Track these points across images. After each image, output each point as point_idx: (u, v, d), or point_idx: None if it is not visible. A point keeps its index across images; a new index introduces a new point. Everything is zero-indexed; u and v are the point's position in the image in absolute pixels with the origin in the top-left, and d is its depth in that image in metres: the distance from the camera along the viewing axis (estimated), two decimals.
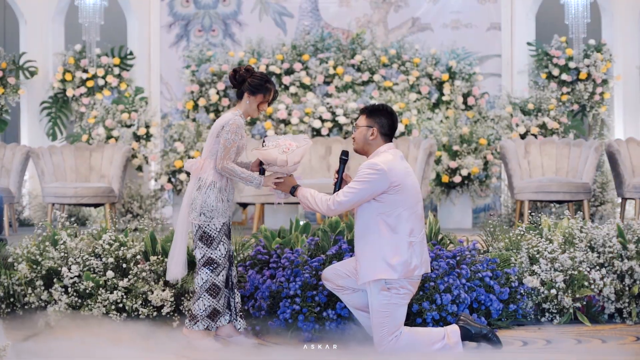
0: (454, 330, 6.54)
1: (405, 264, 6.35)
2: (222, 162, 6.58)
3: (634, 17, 13.57)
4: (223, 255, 6.67)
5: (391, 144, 6.59)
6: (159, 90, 14.01)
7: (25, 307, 7.55)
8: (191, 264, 7.14)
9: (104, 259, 7.56)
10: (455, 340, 6.50)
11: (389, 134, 6.59)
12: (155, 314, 7.41)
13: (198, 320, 6.69)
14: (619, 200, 11.96)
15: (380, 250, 6.37)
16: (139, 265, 7.55)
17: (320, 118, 12.39)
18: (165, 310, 7.39)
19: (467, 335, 6.56)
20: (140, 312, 7.37)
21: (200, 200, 6.65)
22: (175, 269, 6.81)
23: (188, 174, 12.04)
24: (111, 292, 7.42)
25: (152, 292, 7.44)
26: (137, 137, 12.64)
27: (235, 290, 6.89)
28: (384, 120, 6.57)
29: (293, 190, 6.66)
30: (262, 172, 6.78)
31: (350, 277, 6.64)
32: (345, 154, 6.70)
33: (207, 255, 6.67)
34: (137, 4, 13.91)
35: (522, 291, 7.44)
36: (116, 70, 13.36)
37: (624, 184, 11.22)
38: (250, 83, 6.72)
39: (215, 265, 6.66)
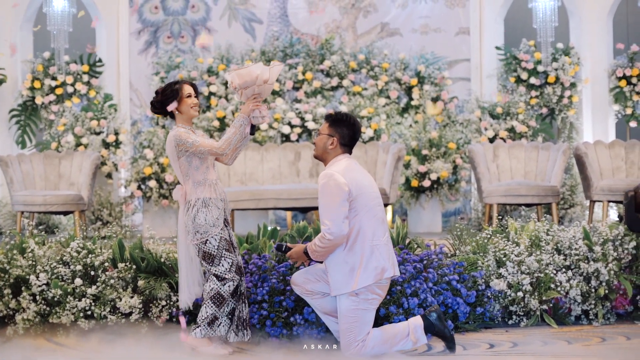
0: (417, 325, 6.54)
1: (373, 269, 6.39)
2: (213, 149, 6.71)
3: (602, 20, 13.65)
4: (227, 270, 6.71)
5: (347, 155, 6.66)
6: (129, 97, 13.97)
7: None
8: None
9: (72, 267, 7.55)
10: (418, 337, 6.53)
11: (348, 144, 6.68)
12: (123, 320, 7.41)
13: (199, 327, 6.72)
14: (588, 202, 12.02)
15: (347, 261, 6.42)
16: (107, 273, 7.55)
17: (289, 124, 12.39)
18: (133, 317, 7.39)
19: (429, 329, 6.56)
20: (109, 319, 7.37)
21: (190, 221, 6.73)
22: (183, 295, 6.91)
23: (161, 180, 12.05)
24: (79, 300, 7.42)
25: (121, 299, 7.44)
26: (106, 145, 12.59)
27: (247, 301, 6.91)
28: (346, 132, 6.64)
29: (306, 254, 6.60)
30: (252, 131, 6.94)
31: (320, 282, 6.66)
32: (279, 247, 6.80)
33: (212, 271, 6.73)
34: (106, 10, 13.86)
35: (489, 294, 7.49)
36: (85, 78, 13.31)
37: (592, 187, 11.27)
38: (162, 100, 6.87)
39: (222, 279, 6.71)
